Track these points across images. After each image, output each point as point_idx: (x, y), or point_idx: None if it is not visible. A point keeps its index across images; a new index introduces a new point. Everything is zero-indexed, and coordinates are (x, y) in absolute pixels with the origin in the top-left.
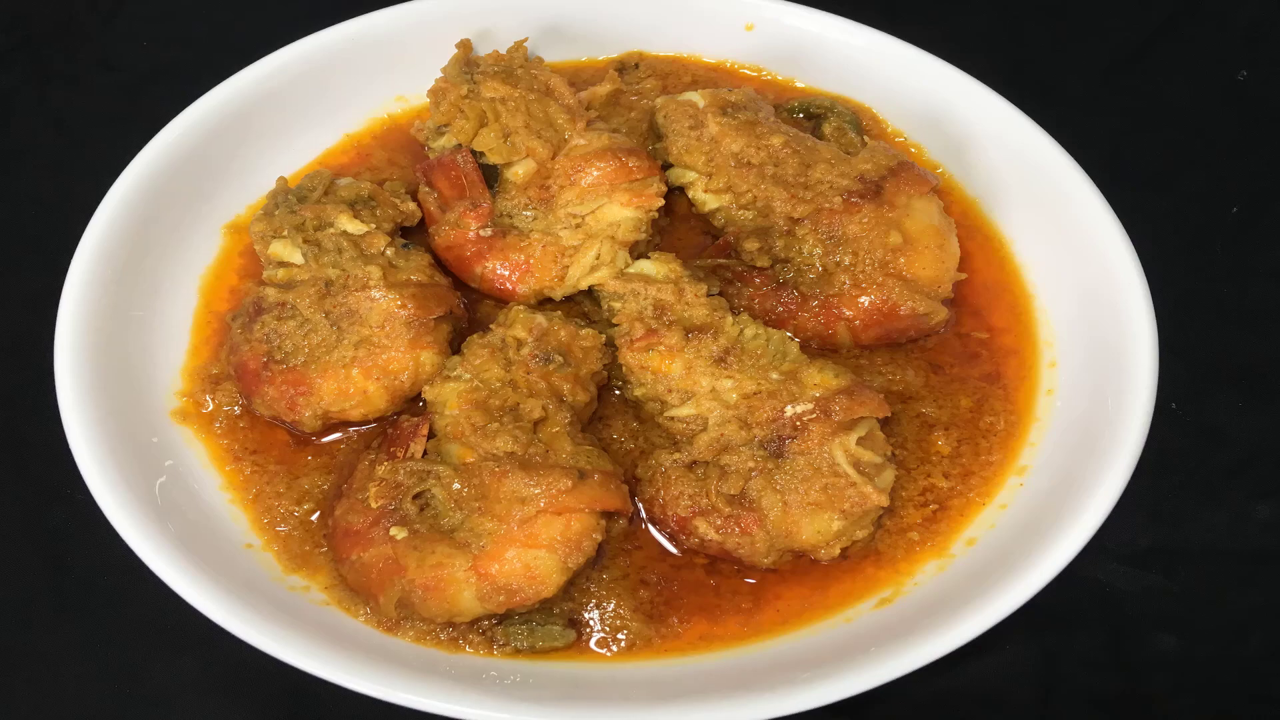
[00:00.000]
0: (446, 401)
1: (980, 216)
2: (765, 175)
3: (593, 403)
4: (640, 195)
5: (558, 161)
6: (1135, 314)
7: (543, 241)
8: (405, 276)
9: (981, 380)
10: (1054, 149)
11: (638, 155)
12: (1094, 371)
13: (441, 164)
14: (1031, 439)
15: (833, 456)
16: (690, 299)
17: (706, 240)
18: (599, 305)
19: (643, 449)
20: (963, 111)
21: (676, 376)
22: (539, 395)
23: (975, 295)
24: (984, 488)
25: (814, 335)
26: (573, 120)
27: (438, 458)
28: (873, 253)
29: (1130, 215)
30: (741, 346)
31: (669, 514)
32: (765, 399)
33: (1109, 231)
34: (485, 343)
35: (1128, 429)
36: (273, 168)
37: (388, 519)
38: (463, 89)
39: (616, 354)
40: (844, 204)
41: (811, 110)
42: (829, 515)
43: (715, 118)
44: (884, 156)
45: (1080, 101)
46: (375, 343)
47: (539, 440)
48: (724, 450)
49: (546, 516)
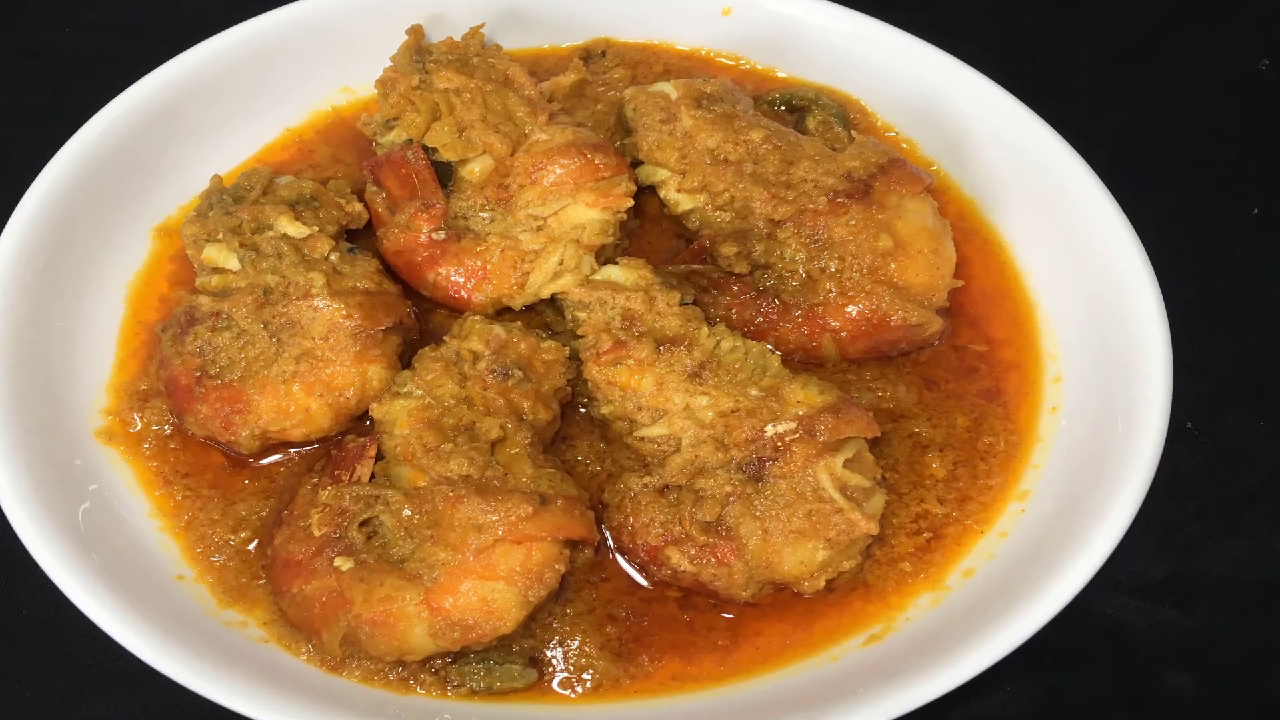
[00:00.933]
0: (396, 420)
1: (978, 218)
2: (744, 173)
3: (555, 421)
4: (607, 195)
5: (517, 158)
6: (1147, 324)
7: (501, 245)
8: (351, 284)
9: (979, 397)
10: (1058, 144)
11: (604, 151)
12: (1102, 387)
13: (390, 161)
14: (1034, 461)
15: (817, 480)
16: (662, 308)
17: (679, 244)
18: (562, 315)
19: (610, 472)
20: (959, 104)
21: (647, 393)
22: (497, 413)
23: (972, 304)
24: (982, 514)
25: (797, 348)
26: (534, 113)
27: (386, 482)
28: (861, 258)
29: (1140, 217)
30: (718, 360)
31: (639, 543)
32: (744, 418)
33: (1118, 234)
34: (438, 356)
35: (1139, 450)
36: (207, 165)
37: (332, 548)
38: (414, 79)
39: (581, 368)
40: (829, 205)
41: (794, 102)
42: (813, 544)
43: (689, 110)
44: (873, 153)
45: (1085, 95)
46: (318, 356)
47: (497, 462)
48: (699, 473)
49: (505, 546)
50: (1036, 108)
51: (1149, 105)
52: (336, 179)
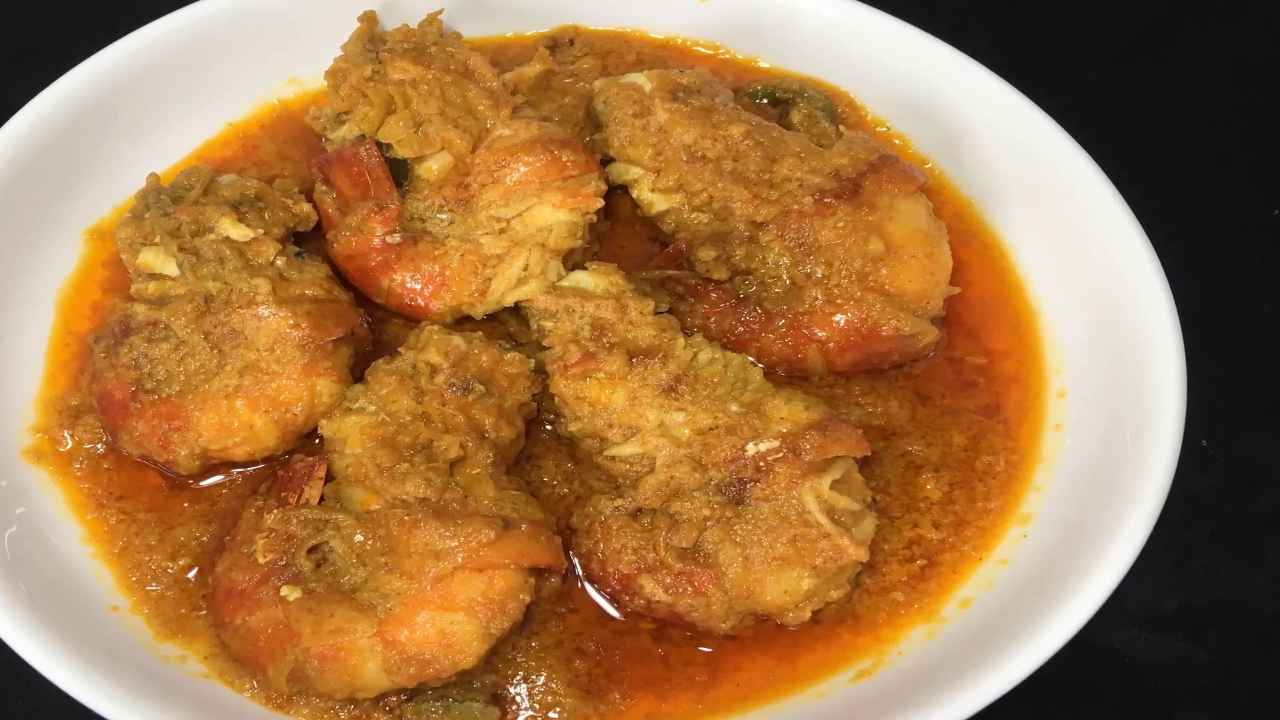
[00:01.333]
0: (347, 438)
1: (976, 220)
2: (723, 171)
3: (520, 439)
4: (575, 195)
5: (478, 155)
6: (1158, 334)
7: (461, 249)
8: (299, 291)
9: (978, 413)
10: (1063, 140)
11: (572, 148)
12: (1110, 402)
13: (342, 158)
14: (1037, 482)
15: (802, 503)
16: (635, 317)
17: (654, 248)
18: (527, 325)
19: (579, 494)
20: (956, 97)
21: (618, 409)
22: (456, 431)
23: (970, 313)
24: (981, 540)
25: (780, 360)
26: (496, 107)
27: (337, 504)
28: (850, 263)
29: (1151, 218)
30: (695, 373)
31: (610, 570)
32: (723, 435)
33: (1127, 237)
34: (393, 369)
35: (1149, 470)
36: (143, 163)
37: (278, 577)
38: (366, 70)
39: (547, 382)
40: (816, 205)
41: (778, 95)
42: (798, 572)
43: (664, 104)
44: (863, 149)
45: (1092, 87)
46: (263, 369)
47: (456, 484)
48: (674, 496)
49: (465, 574)
50: (1039, 101)
51: (1161, 98)
52: (283, 177)
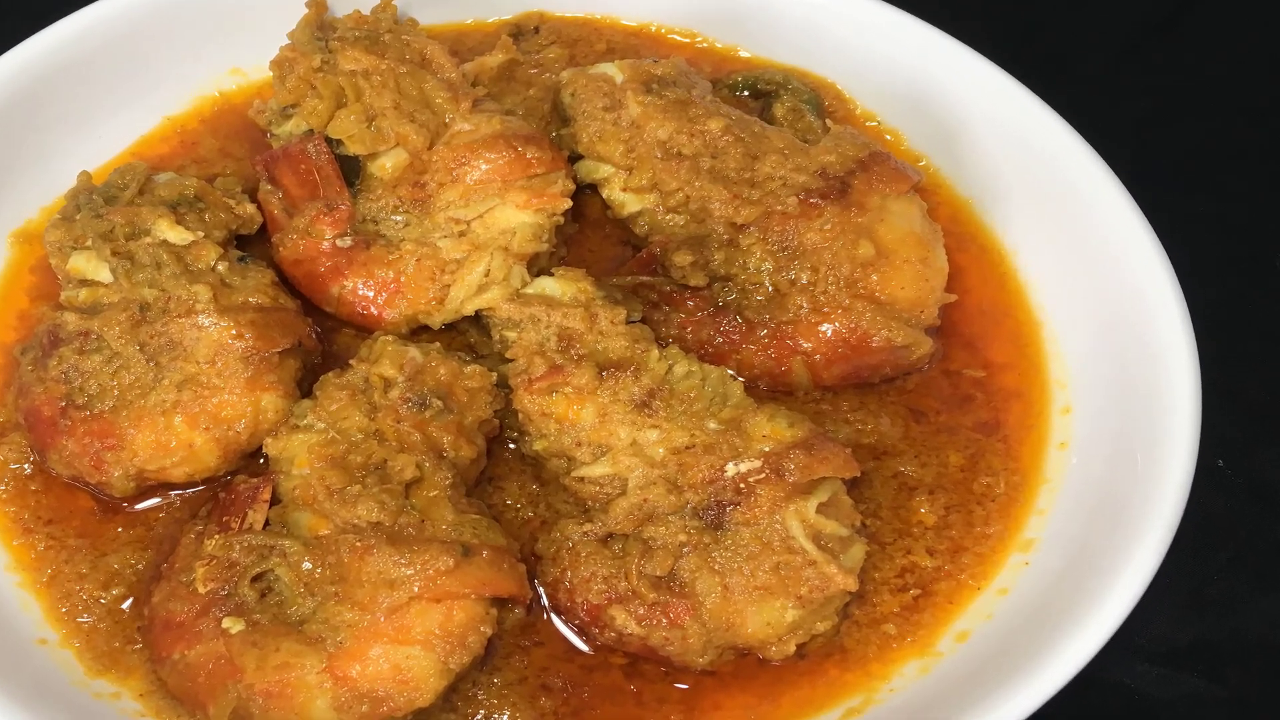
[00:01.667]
0: (294, 458)
1: (974, 222)
2: (700, 169)
3: (481, 459)
4: (541, 195)
5: (436, 152)
6: (1171, 347)
7: (417, 254)
8: (242, 298)
9: (976, 431)
10: (1068, 136)
11: (538, 144)
12: (1119, 419)
13: (288, 155)
14: (1039, 505)
15: (786, 528)
16: (605, 327)
17: (625, 252)
18: (488, 335)
19: (544, 518)
20: (953, 89)
21: (587, 426)
22: (412, 450)
23: (968, 322)
24: (979, 567)
25: (763, 373)
26: (455, 99)
27: (283, 529)
28: (837, 268)
29: (1163, 220)
30: (670, 388)
31: (578, 601)
32: (700, 455)
33: (1137, 240)
34: (343, 383)
35: (1162, 492)
36: (73, 160)
37: (219, 608)
38: (315, 60)
39: (510, 397)
40: (800, 206)
41: (760, 87)
42: (781, 602)
43: (636, 96)
44: (851, 146)
45: (1100, 78)
46: (203, 383)
47: (412, 507)
48: (648, 520)
49: (422, 604)
50: (1043, 93)
51: (1172, 91)
52: (225, 176)
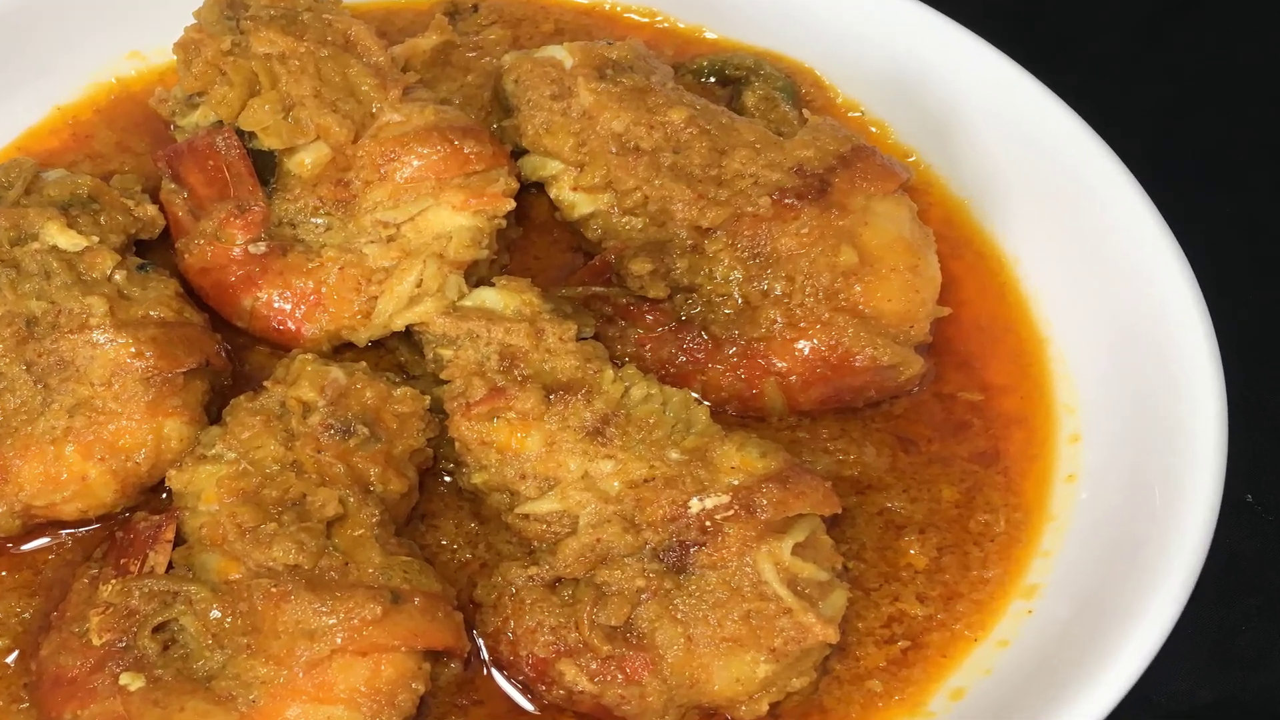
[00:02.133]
0: (201, 492)
1: (971, 226)
2: (661, 166)
3: (412, 494)
4: (480, 195)
5: (362, 146)
6: (1193, 366)
7: (340, 261)
8: (142, 312)
9: (972, 461)
10: (1077, 128)
11: (476, 137)
12: (1134, 449)
13: (194, 150)
14: (1044, 546)
15: (758, 571)
16: (552, 344)
17: (576, 259)
18: (421, 353)
19: (484, 560)
20: (945, 75)
21: (533, 456)
22: (334, 483)
23: (964, 339)
24: (976, 616)
25: (731, 397)
26: (383, 87)
27: (188, 573)
28: (816, 277)
29: (1185, 223)
30: (626, 413)
31: (523, 654)
32: (661, 489)
33: (1155, 247)
34: (257, 408)
35: (1183, 531)
36: None
37: (116, 662)
38: (225, 42)
39: (446, 423)
40: (774, 207)
41: (728, 72)
42: (753, 655)
43: (588, 83)
44: (831, 139)
45: (1113, 62)
46: (98, 407)
47: (334, 548)
48: (601, 563)
49: (345, 658)
50: (1048, 79)
51: (1199, 76)
52: (123, 173)
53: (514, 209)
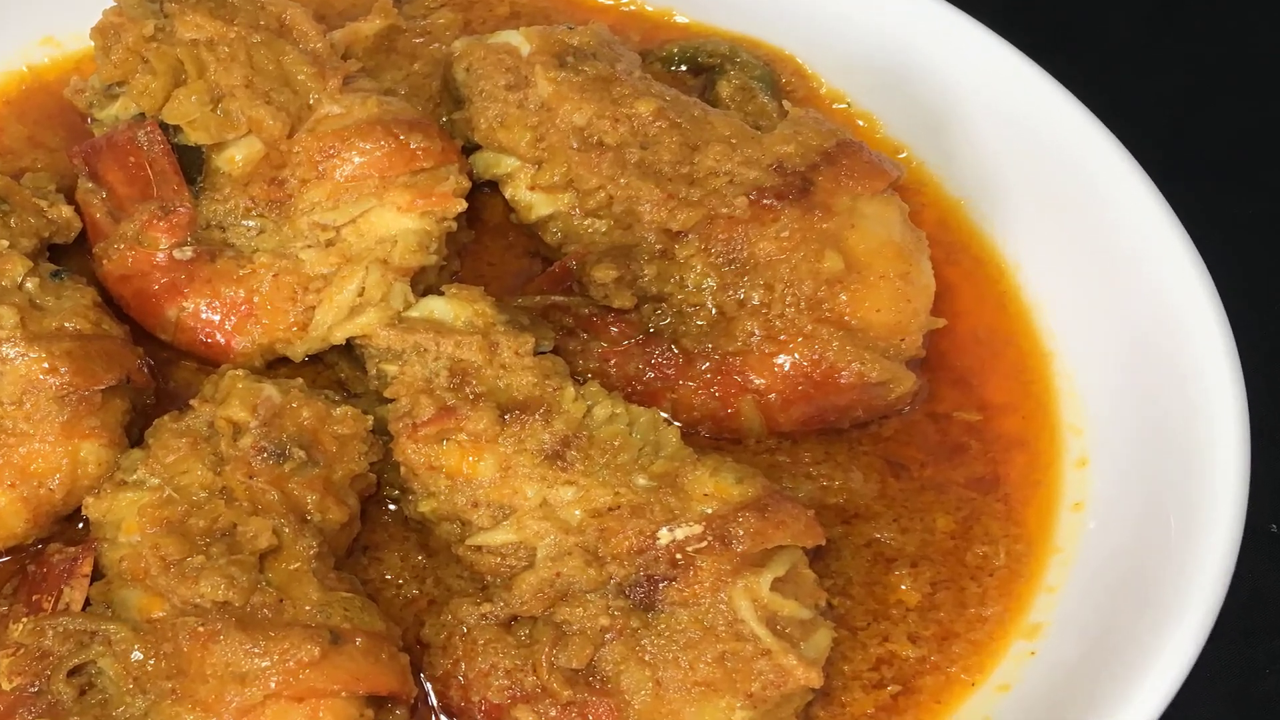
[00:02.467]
0: (121, 522)
1: (968, 229)
2: (627, 163)
3: (354, 523)
4: (428, 195)
5: (298, 141)
6: (1212, 383)
7: (274, 268)
8: (55, 323)
9: (969, 488)
10: (1085, 121)
11: (424, 131)
12: (1147, 474)
13: (114, 145)
14: (1049, 581)
15: (733, 609)
16: (508, 359)
17: (534, 265)
18: (363, 369)
19: (433, 597)
20: (940, 63)
21: (486, 482)
22: (268, 511)
23: (960, 353)
24: (974, 659)
25: (705, 417)
26: (321, 76)
27: (108, 611)
28: (797, 285)
29: (1203, 226)
30: (589, 435)
31: (474, 699)
32: (627, 518)
33: (1170, 252)
34: (183, 429)
35: (1201, 564)
36: None
37: (29, 708)
38: (147, 26)
39: (391, 446)
40: (751, 208)
41: (701, 60)
42: (728, 701)
43: (547, 72)
44: (814, 134)
45: (1123, 50)
46: (8, 429)
47: (268, 583)
48: (561, 599)
49: (280, 704)
50: (1053, 68)
51: (1218, 64)
52: (35, 171)
53: (465, 210)
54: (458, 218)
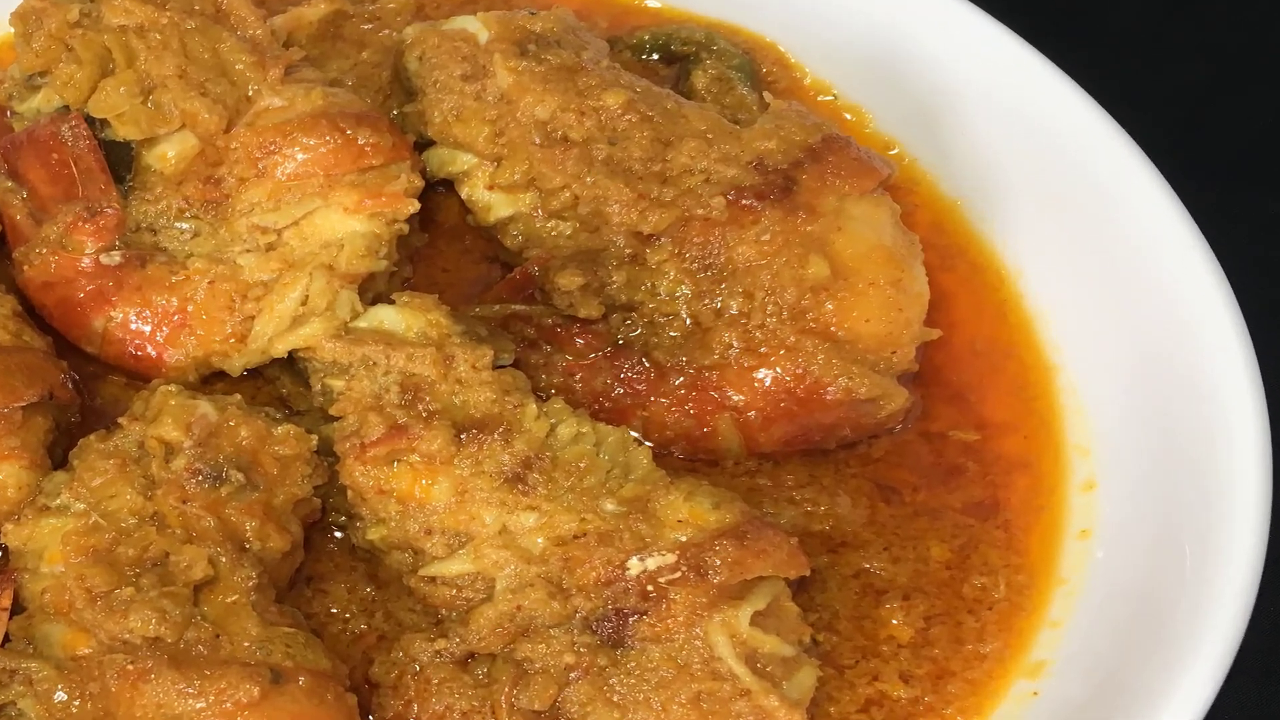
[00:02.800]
0: (44, 550)
1: (965, 232)
2: (594, 160)
3: (296, 552)
4: (377, 194)
5: (236, 136)
6: (1233, 399)
7: (210, 274)
8: None
9: (967, 514)
10: (1092, 114)
11: (373, 126)
12: (1160, 498)
13: (35, 141)
14: (1053, 615)
15: (710, 645)
16: (464, 374)
17: (493, 272)
18: (307, 385)
19: (383, 632)
20: (936, 52)
21: (441, 507)
22: (203, 539)
23: (956, 367)
24: (971, 699)
25: (679, 436)
26: (261, 65)
27: (28, 647)
28: (779, 293)
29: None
30: (553, 456)
31: None
32: (594, 547)
33: (1186, 257)
34: (111, 449)
35: (1219, 598)
36: None
37: None
38: (72, 11)
39: (337, 468)
40: (729, 209)
41: (674, 48)
42: None
43: (507, 61)
44: (798, 128)
45: (1134, 37)
46: None
47: (203, 617)
48: (522, 635)
49: None
50: (1057, 57)
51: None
52: None
53: (418, 211)
54: (410, 220)
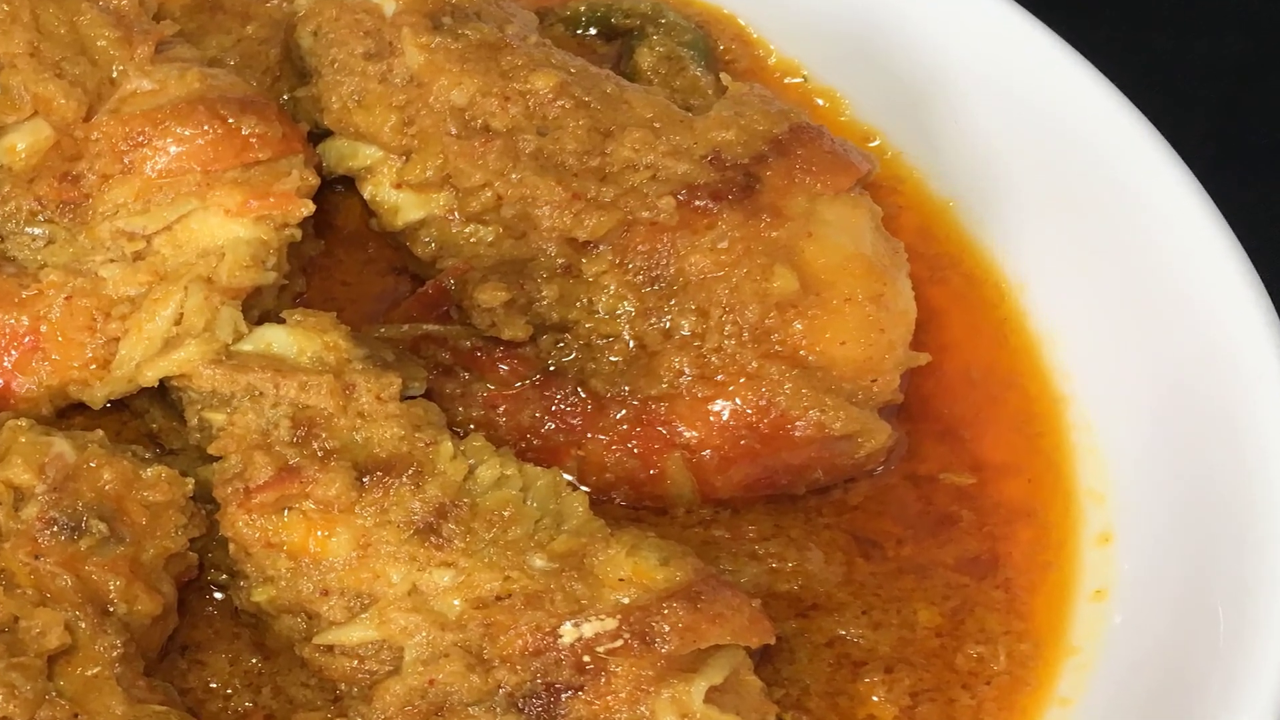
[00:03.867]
0: None
1: (958, 238)
2: (520, 154)
3: (169, 616)
4: (265, 194)
5: (99, 125)
6: (1271, 436)
7: (67, 288)
8: None
9: (960, 571)
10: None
11: (259, 113)
12: (1187, 554)
13: None
14: (1062, 691)
15: None
16: (367, 406)
17: (401, 285)
18: (181, 418)
19: (271, 711)
20: (923, 27)
21: (340, 563)
22: (59, 601)
23: (949, 397)
24: None
25: (620, 479)
26: (127, 42)
27: None
28: (739, 311)
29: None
30: (471, 503)
31: None
32: (520, 610)
33: (1217, 265)
34: None
35: (1256, 670)
36: None
37: None
38: None
39: (218, 517)
40: (680, 211)
41: (615, 21)
42: None
43: (417, 37)
44: (761, 116)
45: (1159, 11)
46: None
47: (59, 693)
48: (436, 714)
49: None
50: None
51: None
52: None
53: (312, 214)
54: (302, 224)
